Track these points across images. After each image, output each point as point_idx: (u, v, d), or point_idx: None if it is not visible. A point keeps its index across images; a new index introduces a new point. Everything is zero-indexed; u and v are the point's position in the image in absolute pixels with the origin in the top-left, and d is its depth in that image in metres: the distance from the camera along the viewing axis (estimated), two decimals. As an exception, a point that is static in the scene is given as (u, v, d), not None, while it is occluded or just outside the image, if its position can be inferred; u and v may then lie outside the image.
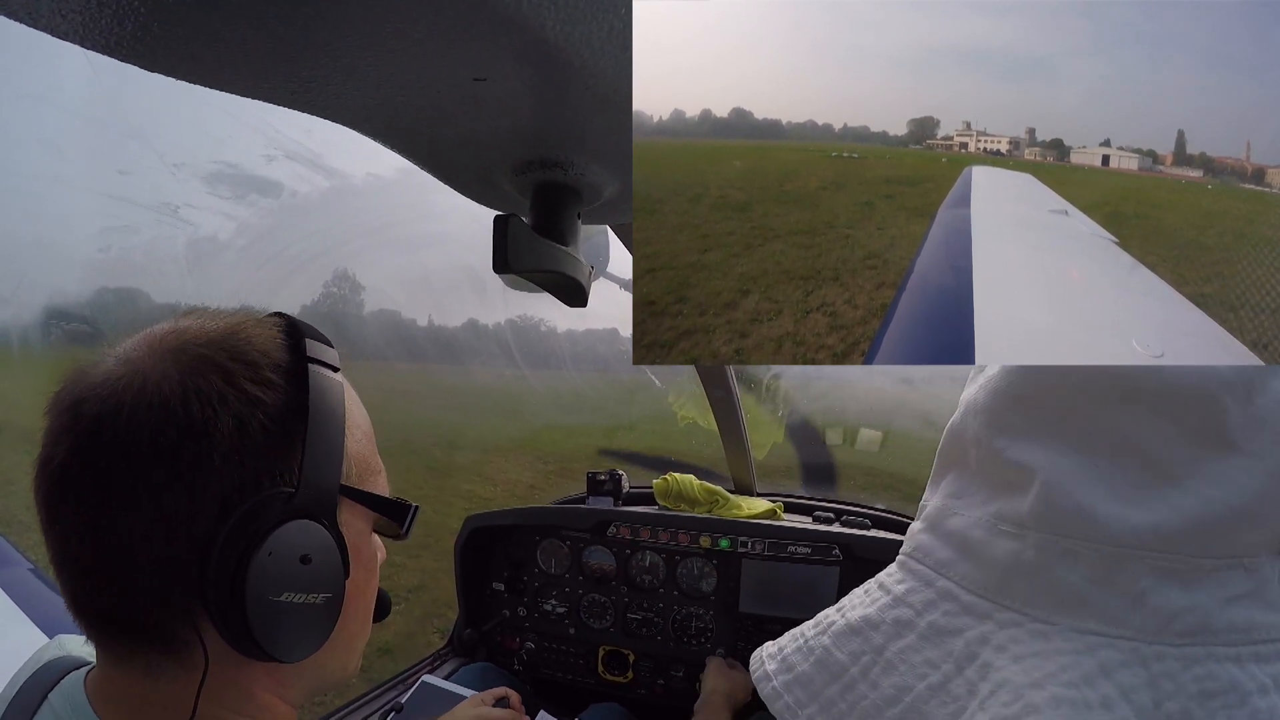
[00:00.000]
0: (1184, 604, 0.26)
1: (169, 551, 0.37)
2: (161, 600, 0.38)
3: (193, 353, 0.39)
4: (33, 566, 1.74)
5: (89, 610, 0.39)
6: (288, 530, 0.39)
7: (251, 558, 0.37)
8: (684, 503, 1.44)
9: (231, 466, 0.38)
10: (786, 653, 0.34)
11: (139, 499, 0.36)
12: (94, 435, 0.36)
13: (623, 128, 0.37)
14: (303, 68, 0.30)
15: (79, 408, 0.37)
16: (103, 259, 8.48)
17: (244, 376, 0.39)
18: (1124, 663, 0.25)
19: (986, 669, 0.27)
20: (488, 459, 7.18)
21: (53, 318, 7.72)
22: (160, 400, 0.37)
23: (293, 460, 0.40)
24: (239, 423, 0.38)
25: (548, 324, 6.95)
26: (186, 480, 0.37)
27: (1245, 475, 0.25)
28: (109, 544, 0.36)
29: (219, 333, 0.41)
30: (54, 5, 0.25)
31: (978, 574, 0.30)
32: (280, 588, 0.39)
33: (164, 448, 0.36)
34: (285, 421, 0.40)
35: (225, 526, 0.37)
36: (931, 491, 0.36)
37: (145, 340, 0.40)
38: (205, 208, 9.56)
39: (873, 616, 0.32)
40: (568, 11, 0.26)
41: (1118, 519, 0.26)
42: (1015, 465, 0.29)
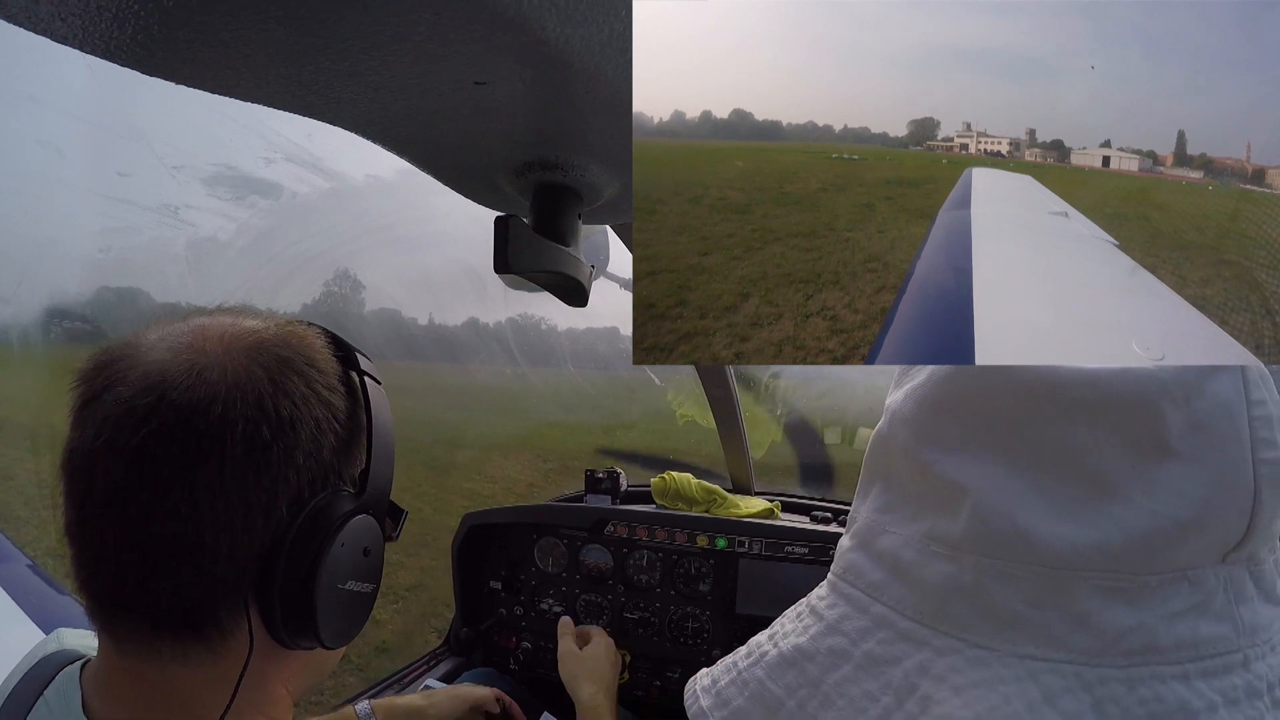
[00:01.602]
0: (1129, 623, 0.25)
1: (244, 539, 0.38)
2: (223, 586, 0.39)
3: (274, 353, 0.41)
4: (30, 562, 1.74)
5: (137, 597, 0.38)
6: (356, 523, 0.42)
7: (328, 546, 0.40)
8: (681, 502, 1.44)
9: (310, 464, 0.40)
10: (721, 685, 0.33)
11: (225, 488, 0.37)
12: (184, 423, 0.37)
13: (623, 129, 0.37)
14: (303, 72, 0.30)
15: (163, 393, 0.37)
16: (103, 259, 8.46)
17: (319, 382, 0.42)
18: (1066, 688, 0.24)
19: (927, 702, 0.26)
20: (488, 457, 7.19)
21: (53, 317, 7.72)
22: (256, 397, 0.38)
23: (352, 464, 0.44)
24: (318, 424, 0.41)
25: (548, 322, 6.95)
26: (273, 474, 0.39)
27: (1187, 484, 0.25)
28: (184, 529, 0.37)
29: (286, 335, 0.43)
30: (53, 9, 0.25)
31: (912, 598, 0.28)
32: (346, 576, 0.42)
33: (257, 442, 0.38)
34: (350, 428, 0.44)
35: (300, 517, 0.40)
36: (860, 502, 0.34)
37: (211, 333, 0.41)
38: (205, 209, 9.55)
39: (805, 646, 0.31)
40: (568, 14, 0.26)
41: (1058, 538, 0.25)
42: (945, 480, 0.28)
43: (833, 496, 1.60)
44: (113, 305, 7.68)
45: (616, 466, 1.54)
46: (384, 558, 0.48)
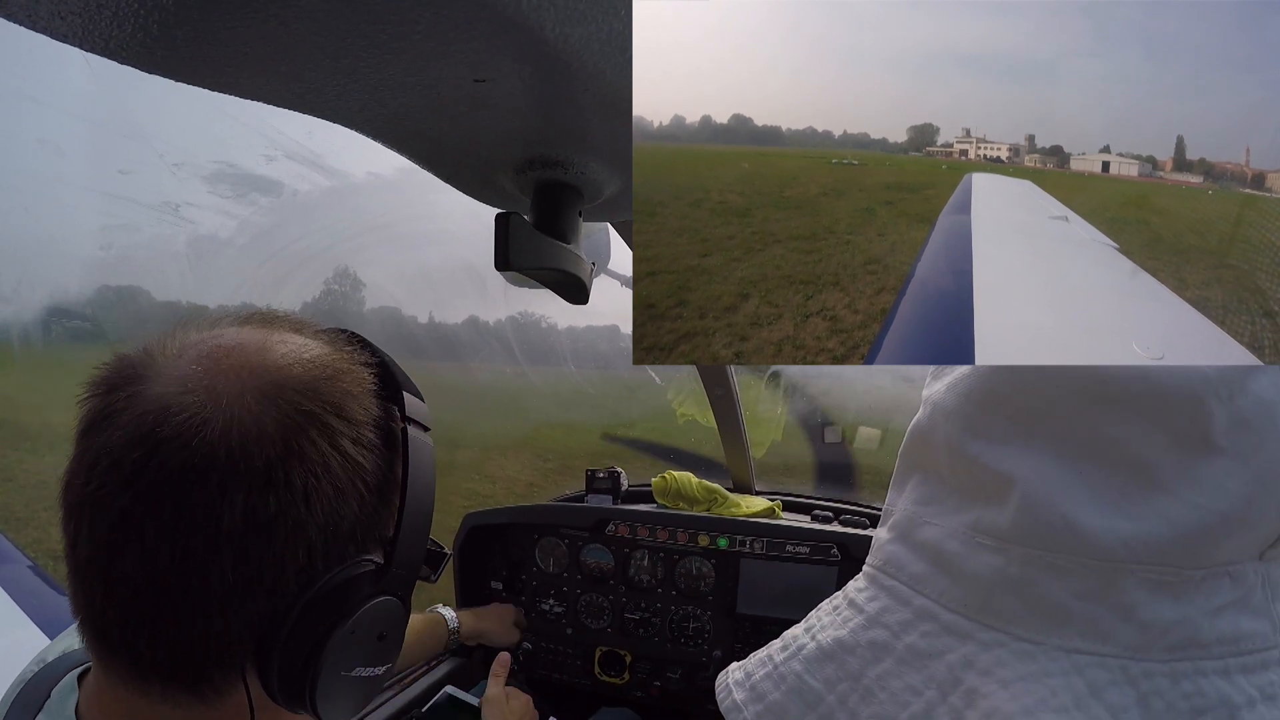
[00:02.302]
0: (1174, 617, 0.25)
1: (241, 612, 0.34)
2: (217, 656, 0.35)
3: (294, 404, 0.35)
4: (31, 564, 1.74)
5: (121, 646, 0.35)
6: (373, 608, 0.37)
7: (332, 634, 0.36)
8: (682, 501, 1.44)
9: (325, 536, 0.36)
10: (755, 679, 0.32)
11: (220, 561, 0.33)
12: (175, 489, 0.33)
13: (623, 128, 0.37)
14: (304, 69, 0.30)
15: (154, 449, 0.33)
16: (104, 257, 8.47)
17: (347, 437, 0.36)
18: (1113, 682, 0.25)
19: (972, 695, 0.26)
20: (488, 457, 7.18)
21: (54, 316, 7.72)
22: (264, 464, 0.33)
23: (381, 528, 0.39)
24: (338, 491, 0.36)
25: (548, 321, 6.95)
26: (278, 549, 0.34)
27: (1232, 479, 0.25)
28: (174, 597, 0.34)
29: (317, 374, 0.37)
30: (53, 7, 0.25)
31: (957, 591, 0.28)
32: (353, 663, 0.38)
33: (259, 517, 0.33)
34: (381, 490, 0.38)
35: (309, 594, 0.35)
36: (896, 495, 0.34)
37: (229, 364, 0.36)
38: (206, 206, 9.56)
39: (846, 639, 0.30)
40: (567, 13, 0.26)
41: (1106, 531, 0.25)
42: (992, 472, 0.28)
43: (834, 495, 1.60)
44: (113, 304, 7.69)
45: (624, 452, 1.53)
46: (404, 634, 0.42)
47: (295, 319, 0.42)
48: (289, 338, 0.39)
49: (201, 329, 0.39)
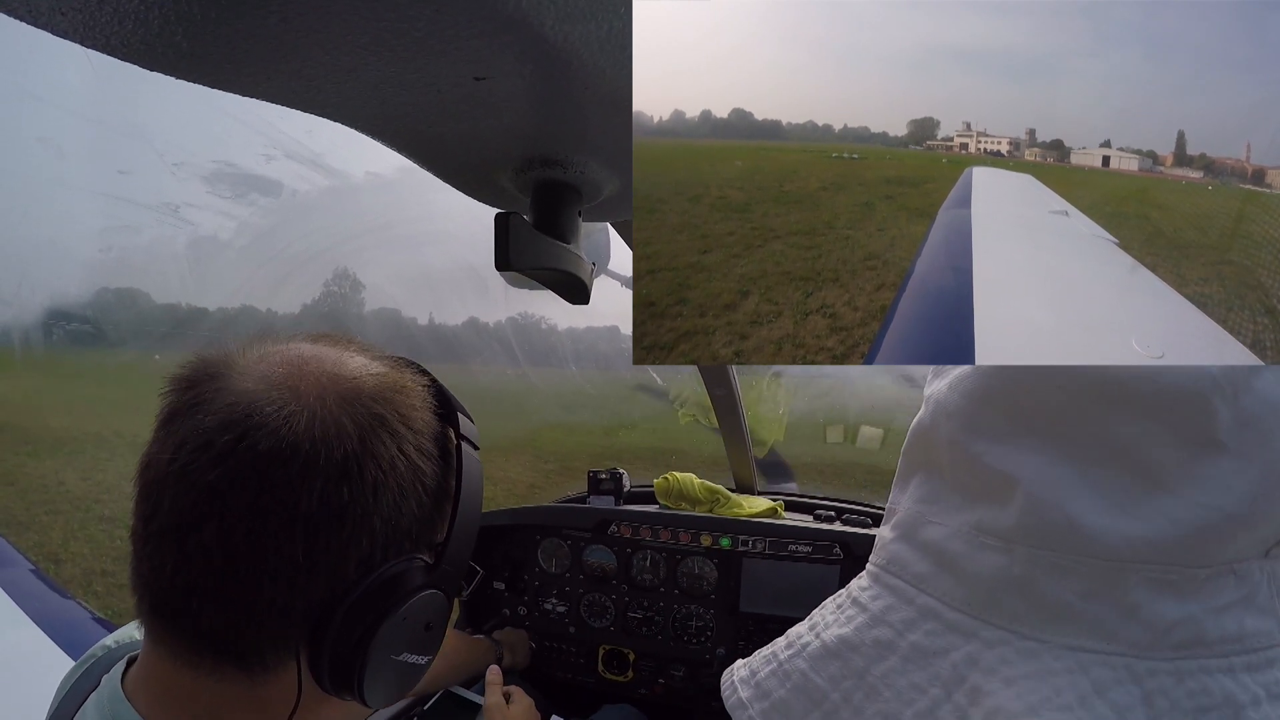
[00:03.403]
0: (1178, 616, 0.25)
1: (303, 592, 0.37)
2: (274, 633, 0.38)
3: (368, 407, 0.39)
4: (33, 566, 1.74)
5: (182, 614, 0.37)
6: (422, 598, 0.41)
7: (386, 618, 0.39)
8: (685, 501, 1.44)
9: (387, 529, 0.39)
10: (760, 677, 0.32)
11: (293, 541, 0.36)
12: (261, 471, 0.36)
13: (623, 126, 0.37)
14: (303, 67, 0.30)
15: (244, 434, 0.36)
16: (103, 259, 8.49)
17: (411, 444, 0.40)
18: (1117, 680, 0.25)
19: (976, 693, 0.26)
20: (488, 458, 7.15)
21: (54, 318, 7.72)
22: (341, 455, 0.37)
23: (433, 531, 0.43)
24: (402, 491, 0.39)
25: (548, 321, 6.95)
26: (346, 535, 0.37)
27: (1236, 478, 0.25)
28: (244, 571, 0.36)
29: (387, 387, 0.41)
30: (54, 3, 0.25)
31: (960, 590, 0.28)
32: (401, 649, 0.41)
33: (334, 502, 0.37)
34: (437, 496, 0.42)
35: (365, 583, 0.38)
36: (898, 493, 0.34)
37: (310, 371, 0.39)
38: (206, 207, 9.58)
39: (850, 637, 0.30)
40: (567, 11, 0.26)
41: (1110, 530, 0.25)
42: (995, 472, 0.28)
43: (835, 495, 1.60)
44: (113, 306, 7.69)
45: (625, 453, 1.54)
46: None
47: (361, 342, 0.46)
48: (358, 355, 0.43)
49: (277, 342, 0.42)
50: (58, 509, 5.92)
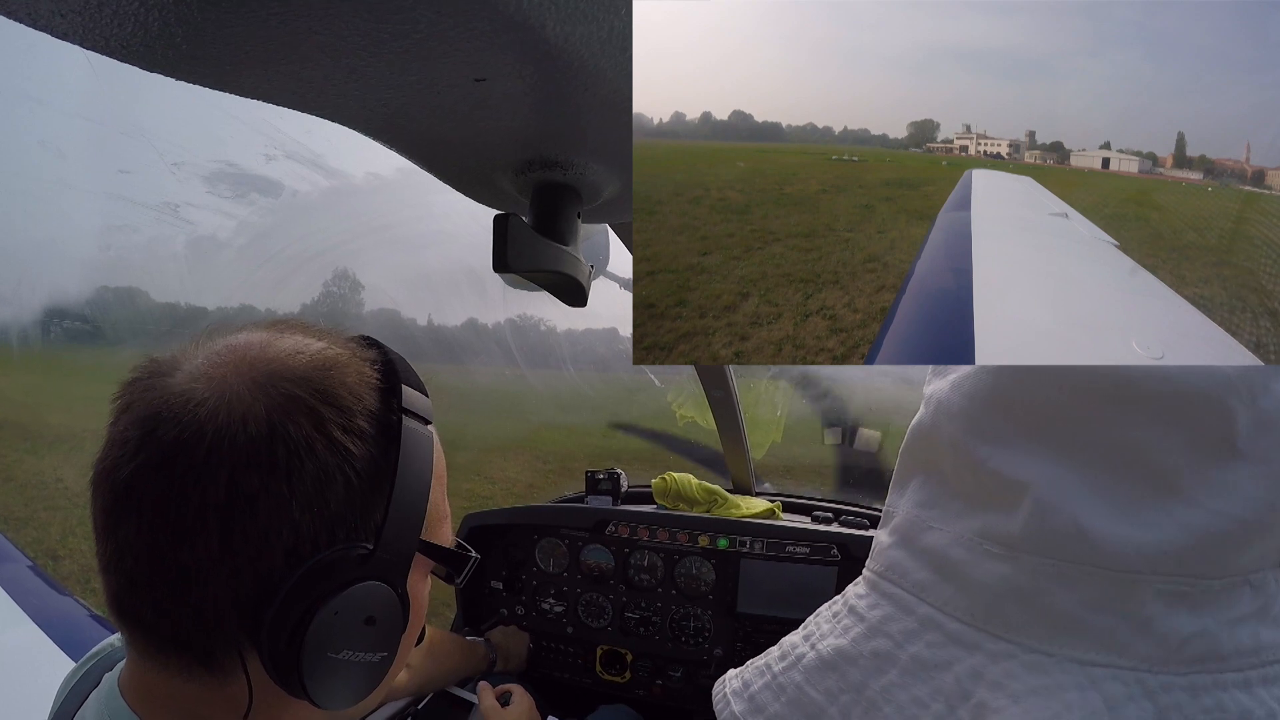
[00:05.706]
0: (1193, 629, 0.24)
1: (230, 587, 0.36)
2: (211, 628, 0.36)
3: (283, 389, 0.37)
4: (31, 563, 1.74)
5: (130, 614, 0.37)
6: (357, 591, 0.38)
7: (315, 614, 0.36)
8: (682, 502, 1.44)
9: (309, 517, 0.36)
10: (754, 689, 0.31)
11: (207, 532, 0.35)
12: (168, 461, 0.35)
13: (623, 128, 0.37)
14: (304, 68, 0.30)
15: (154, 428, 0.35)
16: (103, 258, 8.49)
17: (335, 423, 0.38)
18: (1130, 696, 0.23)
19: (982, 710, 0.25)
20: (487, 458, 7.19)
21: (53, 316, 7.72)
22: (246, 440, 0.35)
23: (372, 516, 0.39)
24: (324, 474, 0.37)
25: (547, 323, 6.95)
26: (261, 524, 0.35)
27: (1253, 484, 0.23)
28: (167, 566, 0.35)
29: (312, 366, 0.39)
30: (54, 5, 0.25)
31: (962, 599, 0.27)
32: (340, 646, 0.38)
33: (242, 491, 0.35)
34: (372, 477, 0.39)
35: (294, 576, 0.36)
36: (896, 496, 0.32)
37: (232, 357, 0.38)
38: (205, 206, 9.58)
39: (847, 649, 0.29)
40: (568, 12, 0.26)
41: (1121, 539, 0.24)
42: (1002, 477, 0.27)
43: (833, 496, 1.60)
44: (112, 305, 7.69)
45: (624, 453, 1.54)
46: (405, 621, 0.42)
47: (314, 325, 0.43)
48: (295, 337, 0.41)
49: (225, 334, 0.41)
50: (56, 505, 5.92)
